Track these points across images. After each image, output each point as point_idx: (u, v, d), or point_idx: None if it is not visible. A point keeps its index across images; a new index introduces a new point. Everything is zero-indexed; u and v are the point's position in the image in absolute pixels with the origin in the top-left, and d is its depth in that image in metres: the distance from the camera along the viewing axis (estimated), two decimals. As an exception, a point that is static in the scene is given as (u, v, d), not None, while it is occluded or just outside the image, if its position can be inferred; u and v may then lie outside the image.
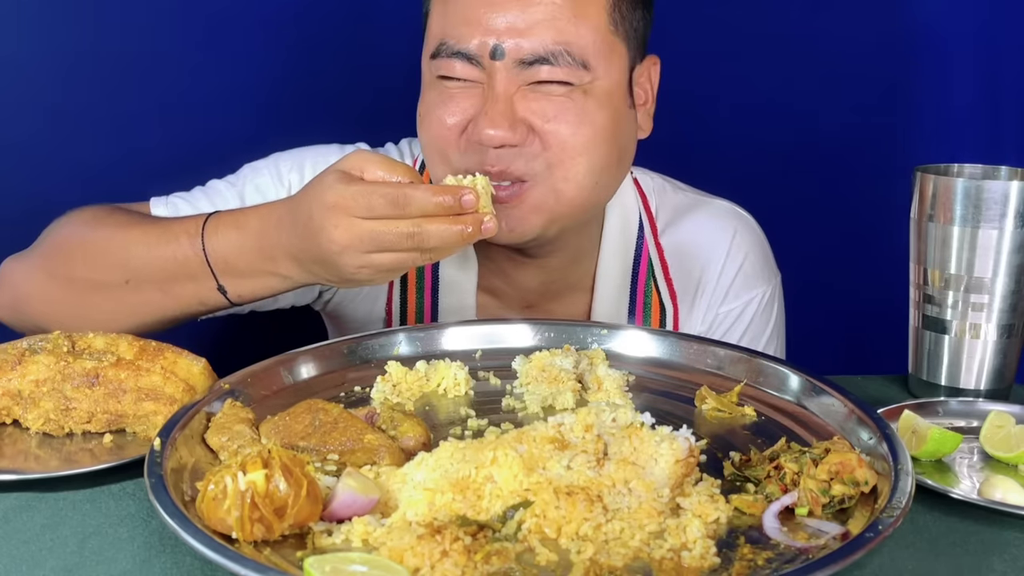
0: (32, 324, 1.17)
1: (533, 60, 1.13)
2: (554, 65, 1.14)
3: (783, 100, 1.90)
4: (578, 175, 1.17)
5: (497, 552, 0.70)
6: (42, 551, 0.76)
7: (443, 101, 1.18)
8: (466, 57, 1.15)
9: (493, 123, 1.13)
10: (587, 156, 1.16)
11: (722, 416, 0.98)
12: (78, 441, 0.92)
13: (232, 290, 1.09)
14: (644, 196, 1.38)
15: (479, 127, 1.13)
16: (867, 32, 1.88)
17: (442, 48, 1.16)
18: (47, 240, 1.21)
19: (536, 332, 1.14)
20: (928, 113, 1.92)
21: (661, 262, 1.36)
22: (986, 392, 1.13)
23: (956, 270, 1.12)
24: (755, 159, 1.89)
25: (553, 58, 1.13)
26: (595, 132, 1.16)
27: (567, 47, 1.14)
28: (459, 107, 1.17)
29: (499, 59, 1.13)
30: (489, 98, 1.14)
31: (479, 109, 1.15)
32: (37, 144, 1.65)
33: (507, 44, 1.13)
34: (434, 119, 1.18)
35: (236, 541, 0.72)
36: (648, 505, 0.76)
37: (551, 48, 1.13)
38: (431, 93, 1.20)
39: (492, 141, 1.13)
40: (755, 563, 0.72)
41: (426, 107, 1.21)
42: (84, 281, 1.15)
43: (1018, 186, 1.08)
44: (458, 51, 1.15)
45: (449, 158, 1.18)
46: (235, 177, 1.30)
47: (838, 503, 0.79)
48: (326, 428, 0.86)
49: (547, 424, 0.84)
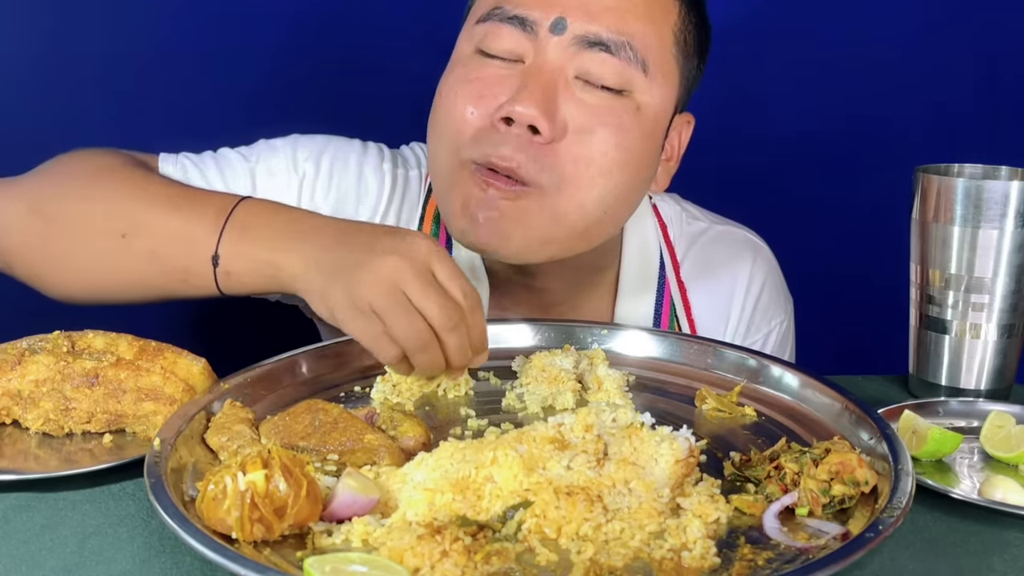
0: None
1: (594, 42, 1.04)
2: (612, 55, 1.04)
3: (783, 100, 1.90)
4: (589, 200, 1.07)
5: (497, 552, 0.70)
6: (42, 551, 0.76)
7: (471, 81, 1.07)
8: (521, 23, 1.05)
9: (531, 98, 1.02)
10: (607, 181, 1.07)
11: (722, 416, 0.98)
12: (78, 441, 0.92)
13: (225, 263, 1.01)
14: (664, 226, 1.32)
15: (512, 102, 1.03)
16: (867, 32, 1.88)
17: (495, 12, 1.07)
18: (45, 173, 1.12)
19: (536, 332, 1.14)
20: (928, 113, 1.92)
21: (683, 299, 1.31)
22: (986, 392, 1.13)
23: (956, 270, 1.12)
24: (755, 159, 1.89)
25: (614, 47, 1.04)
26: (627, 156, 1.07)
27: (631, 39, 1.05)
28: (489, 90, 1.06)
29: (558, 33, 1.04)
30: (531, 74, 1.04)
31: (511, 94, 1.04)
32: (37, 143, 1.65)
33: (572, 19, 1.04)
34: (458, 102, 1.07)
35: (236, 541, 0.71)
36: (648, 505, 0.76)
37: (614, 36, 1.04)
38: (458, 70, 1.10)
39: (525, 118, 1.02)
40: (755, 563, 0.72)
41: (449, 86, 1.09)
42: (75, 223, 1.06)
43: (1018, 186, 1.08)
44: (515, 15, 1.05)
45: (460, 145, 1.07)
46: (249, 151, 1.24)
47: (838, 503, 0.79)
48: (326, 428, 0.86)
49: (547, 424, 0.84)
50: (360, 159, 1.25)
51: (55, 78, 1.65)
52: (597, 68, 1.05)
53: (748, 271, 1.34)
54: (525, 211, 1.06)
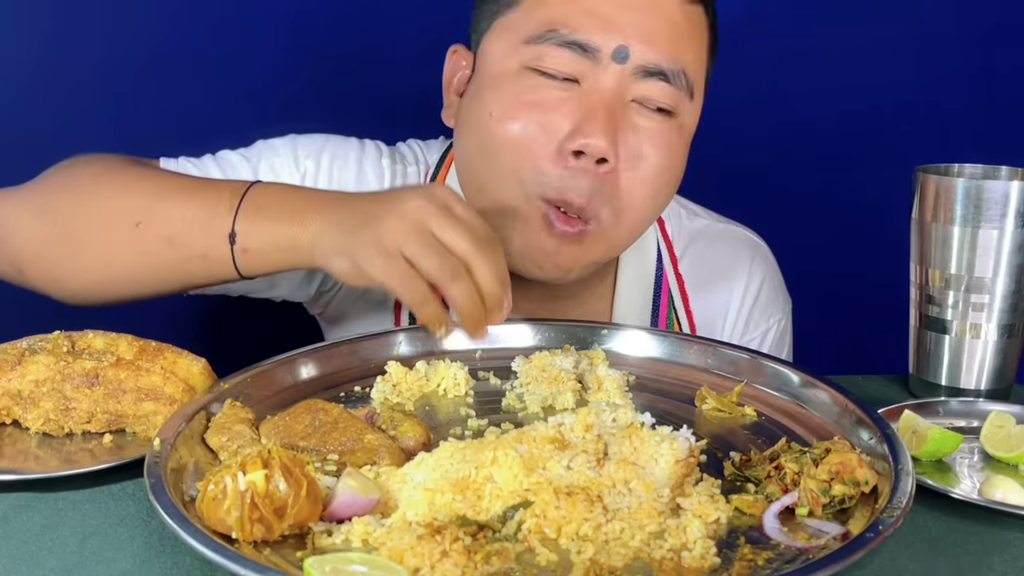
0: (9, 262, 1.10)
1: (654, 72, 1.06)
2: (669, 84, 1.07)
3: (783, 100, 1.90)
4: (639, 225, 1.13)
5: (497, 552, 0.70)
6: (42, 551, 0.76)
7: (531, 105, 1.06)
8: (583, 49, 1.05)
9: (602, 130, 1.03)
10: (655, 202, 1.12)
11: (722, 416, 0.98)
12: (78, 441, 0.92)
13: (242, 240, 1.00)
14: (662, 222, 1.34)
15: (583, 134, 1.04)
16: (867, 32, 1.89)
17: (551, 35, 1.06)
18: (49, 179, 1.12)
19: (536, 332, 1.14)
20: (928, 113, 1.92)
21: (681, 293, 1.32)
22: (986, 392, 1.13)
23: (956, 270, 1.12)
24: (755, 159, 1.89)
25: (672, 76, 1.07)
26: (671, 175, 1.11)
27: (685, 67, 1.08)
28: (551, 118, 1.06)
29: (621, 62, 1.05)
30: (596, 103, 1.05)
31: (575, 122, 1.05)
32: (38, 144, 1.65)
33: (633, 48, 1.05)
34: (517, 122, 1.06)
35: (236, 541, 0.71)
36: (648, 505, 0.76)
37: (672, 65, 1.06)
38: (510, 90, 1.08)
39: (598, 152, 1.04)
40: (755, 563, 0.72)
41: (502, 106, 1.08)
42: (86, 218, 1.06)
43: (1018, 186, 1.08)
44: (574, 40, 1.05)
45: (525, 179, 1.08)
46: (248, 151, 1.25)
47: (838, 503, 0.79)
48: (326, 428, 0.86)
49: (547, 424, 0.84)
50: (359, 155, 1.27)
51: (55, 79, 1.65)
52: (654, 94, 1.08)
53: (747, 268, 1.36)
54: (587, 249, 1.12)
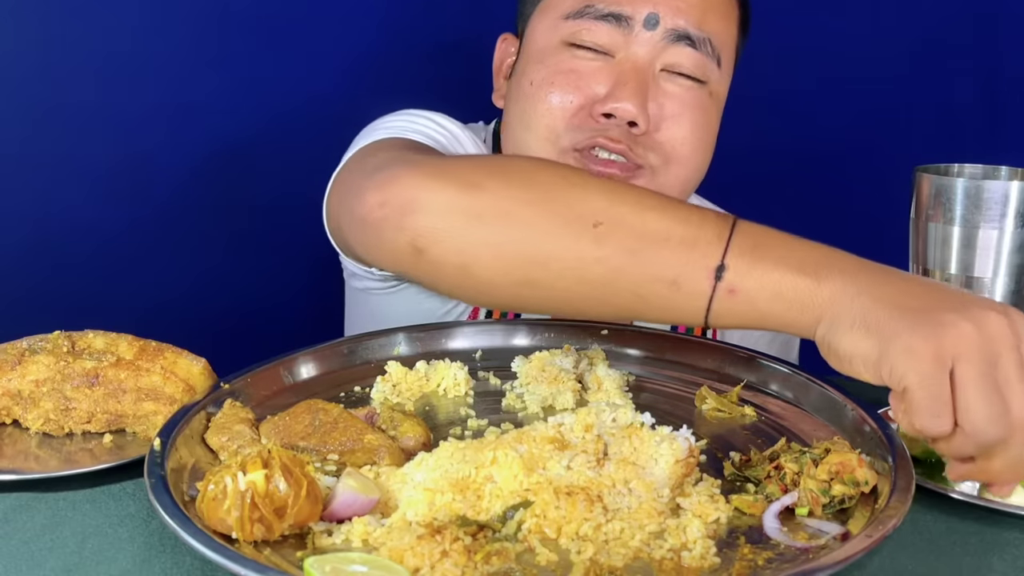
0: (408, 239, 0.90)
1: (682, 36, 1.13)
2: (696, 50, 1.14)
3: (783, 100, 1.90)
4: (690, 174, 1.17)
5: (497, 552, 0.70)
6: (42, 551, 0.76)
7: (565, 73, 1.14)
8: (616, 19, 1.13)
9: (632, 95, 1.10)
10: (700, 156, 1.17)
11: (722, 416, 0.98)
12: (78, 441, 0.92)
13: (732, 277, 0.83)
14: None
15: (613, 98, 1.11)
16: (867, 32, 1.89)
17: (589, 9, 1.14)
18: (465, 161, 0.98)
19: (536, 332, 1.14)
20: (928, 113, 1.92)
21: None
22: (986, 392, 1.13)
23: (956, 270, 1.12)
24: (755, 159, 1.89)
25: (698, 42, 1.13)
26: (709, 135, 1.17)
27: (712, 36, 1.15)
28: (584, 82, 1.13)
29: (651, 29, 1.12)
30: (627, 70, 1.12)
31: (608, 88, 1.12)
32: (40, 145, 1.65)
33: (663, 13, 1.13)
34: (555, 93, 1.14)
35: (236, 541, 0.72)
36: (648, 505, 0.76)
37: (698, 32, 1.14)
38: (549, 62, 1.15)
39: (627, 115, 1.10)
40: (755, 563, 0.72)
41: (543, 78, 1.15)
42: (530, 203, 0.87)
43: (1018, 186, 1.08)
44: (610, 12, 1.13)
45: (559, 134, 1.15)
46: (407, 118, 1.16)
47: (838, 503, 0.79)
48: (326, 428, 0.86)
49: (547, 424, 0.84)
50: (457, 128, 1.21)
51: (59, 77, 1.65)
52: (682, 60, 1.15)
53: None
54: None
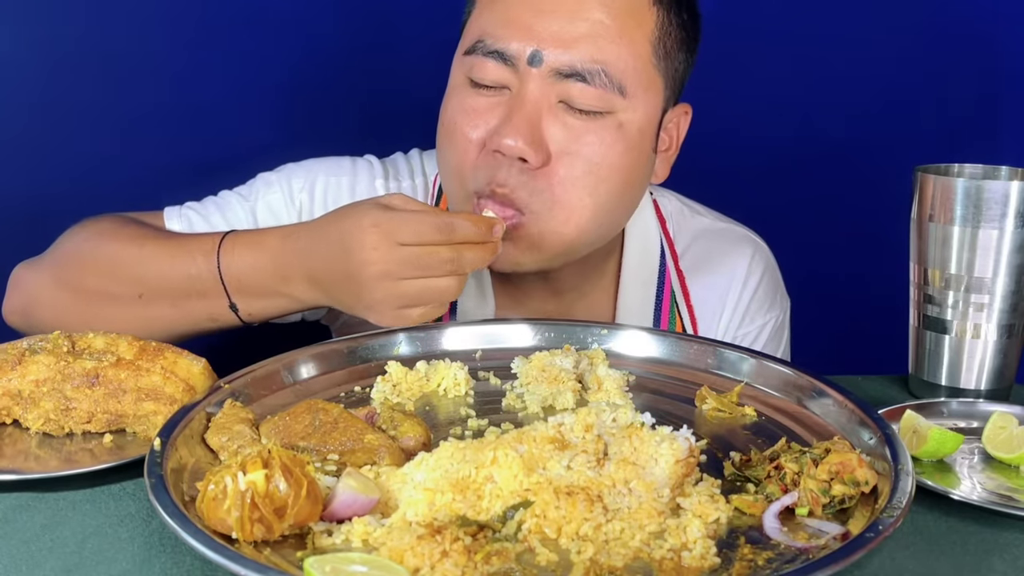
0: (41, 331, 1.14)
1: (569, 73, 1.09)
2: (589, 84, 1.09)
3: (783, 100, 1.90)
4: (581, 218, 1.13)
5: (497, 552, 0.70)
6: (42, 551, 0.76)
7: (466, 112, 1.14)
8: (502, 57, 1.11)
9: (516, 131, 1.08)
10: (595, 198, 1.12)
11: (722, 416, 0.98)
12: (78, 441, 0.92)
13: (244, 308, 1.11)
14: (663, 221, 1.36)
15: (500, 135, 1.09)
16: (867, 32, 1.88)
17: (479, 45, 1.13)
18: (59, 249, 1.21)
19: (536, 332, 1.13)
20: (928, 113, 1.92)
21: (683, 289, 1.35)
22: (986, 392, 1.13)
23: (956, 270, 1.12)
24: (755, 159, 1.89)
25: (589, 76, 1.09)
26: (611, 171, 1.12)
27: (605, 67, 1.09)
28: (483, 119, 1.13)
29: (536, 66, 1.09)
30: (516, 106, 1.10)
31: (503, 121, 1.11)
32: (41, 145, 1.65)
33: (547, 52, 1.09)
34: (457, 133, 1.14)
35: (236, 541, 0.71)
36: (648, 505, 0.76)
37: (589, 66, 1.09)
38: (455, 100, 1.16)
39: (511, 151, 1.09)
40: (755, 563, 0.72)
41: (449, 116, 1.16)
42: (96, 292, 1.15)
43: (1018, 186, 1.08)
44: (495, 50, 1.11)
45: (465, 177, 1.14)
46: (247, 190, 1.30)
47: (838, 503, 0.79)
48: (326, 428, 0.86)
49: (547, 424, 0.84)
50: (351, 180, 1.31)
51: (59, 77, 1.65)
52: (577, 95, 1.10)
53: (746, 265, 1.38)
54: (527, 237, 1.13)
